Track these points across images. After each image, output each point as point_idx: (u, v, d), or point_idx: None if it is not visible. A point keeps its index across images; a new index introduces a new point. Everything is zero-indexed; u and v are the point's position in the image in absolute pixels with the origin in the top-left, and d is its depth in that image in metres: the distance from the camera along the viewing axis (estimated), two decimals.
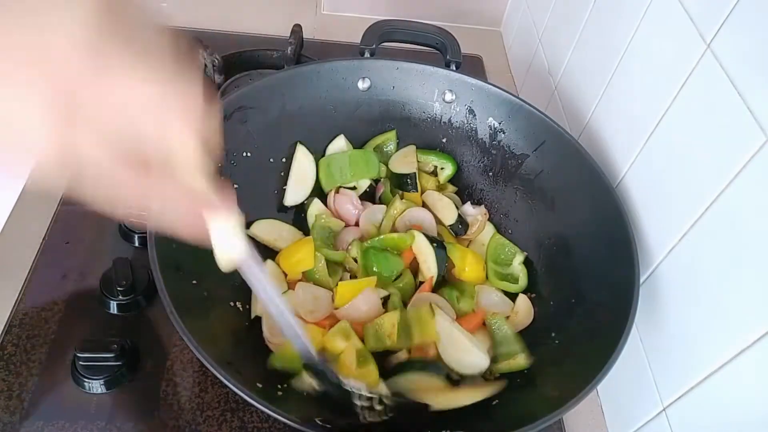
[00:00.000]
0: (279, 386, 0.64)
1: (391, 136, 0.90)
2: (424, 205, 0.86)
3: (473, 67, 1.21)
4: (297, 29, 1.11)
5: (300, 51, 1.10)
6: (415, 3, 1.28)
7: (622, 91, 0.79)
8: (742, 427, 0.54)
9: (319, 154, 0.87)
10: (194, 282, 0.68)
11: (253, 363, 0.66)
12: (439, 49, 0.96)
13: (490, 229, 0.86)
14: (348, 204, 0.83)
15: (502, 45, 1.32)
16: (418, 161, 0.88)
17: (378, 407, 0.61)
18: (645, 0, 0.73)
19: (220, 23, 1.20)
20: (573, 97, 0.94)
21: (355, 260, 0.78)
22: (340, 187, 0.86)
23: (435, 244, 0.77)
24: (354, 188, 0.87)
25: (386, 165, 0.89)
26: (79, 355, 0.68)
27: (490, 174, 0.89)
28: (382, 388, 0.65)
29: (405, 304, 0.75)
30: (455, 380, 0.70)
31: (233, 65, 1.02)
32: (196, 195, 0.40)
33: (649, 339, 0.69)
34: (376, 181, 0.89)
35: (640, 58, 0.75)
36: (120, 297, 0.75)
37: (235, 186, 0.78)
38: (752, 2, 0.55)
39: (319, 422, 0.58)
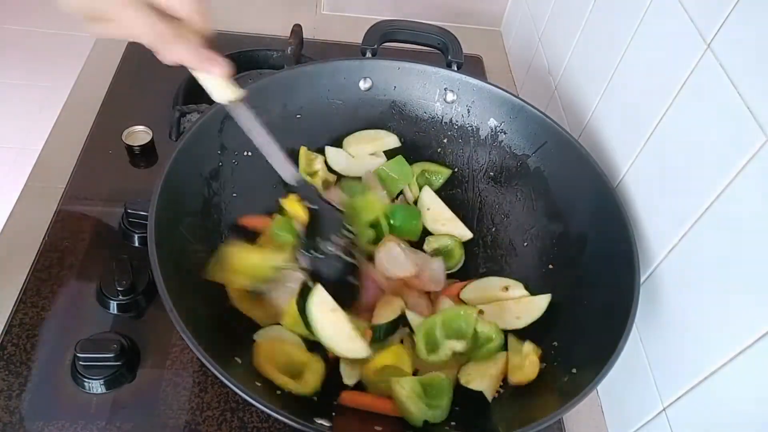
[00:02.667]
0: (279, 386, 0.64)
1: (445, 172, 0.90)
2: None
3: (473, 67, 1.21)
4: (297, 29, 1.11)
5: (300, 51, 1.10)
6: (414, 3, 1.29)
7: (622, 91, 0.79)
8: (743, 427, 0.54)
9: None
10: (194, 281, 0.68)
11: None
12: (441, 49, 0.96)
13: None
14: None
15: (502, 45, 1.32)
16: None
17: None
18: (645, 0, 0.73)
19: (220, 23, 1.20)
20: (573, 97, 0.94)
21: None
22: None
23: None
24: None
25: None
26: (79, 355, 0.68)
27: (491, 174, 0.89)
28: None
29: None
30: None
31: (233, 65, 1.02)
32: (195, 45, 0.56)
33: (649, 339, 0.69)
34: None
35: (640, 58, 0.75)
36: (120, 297, 0.75)
37: (234, 195, 0.79)
38: (752, 2, 0.55)
39: (319, 422, 0.58)
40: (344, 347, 0.66)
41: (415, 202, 0.88)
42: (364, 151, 0.89)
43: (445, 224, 0.86)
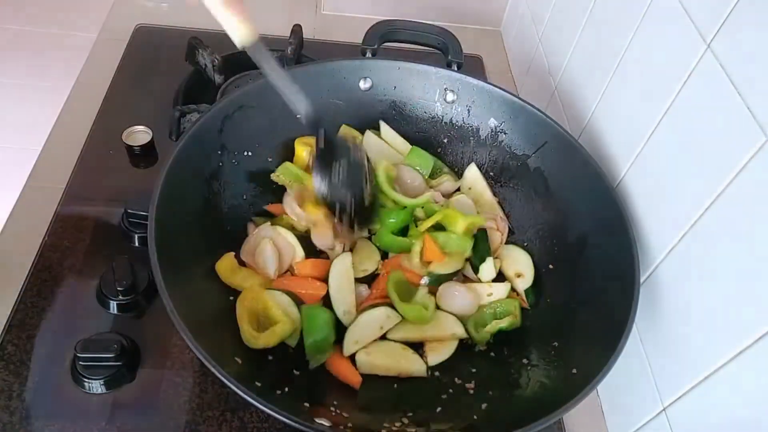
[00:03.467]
0: (279, 386, 0.64)
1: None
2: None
3: (473, 67, 1.21)
4: (297, 29, 1.11)
5: (300, 51, 1.10)
6: (414, 3, 1.28)
7: (622, 91, 0.79)
8: (742, 427, 0.54)
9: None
10: (194, 281, 0.68)
11: (254, 362, 0.66)
12: (441, 49, 0.96)
13: None
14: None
15: (502, 45, 1.32)
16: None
17: None
18: (645, 0, 0.73)
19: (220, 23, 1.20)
20: (573, 97, 0.94)
21: None
22: None
23: None
24: None
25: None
26: (79, 355, 0.68)
27: (492, 174, 0.89)
28: None
29: None
30: None
31: (233, 65, 1.02)
32: None
33: (649, 339, 0.69)
34: None
35: (641, 58, 0.75)
36: (120, 297, 0.75)
37: (244, 198, 0.79)
38: (752, 2, 0.55)
39: (319, 422, 0.58)
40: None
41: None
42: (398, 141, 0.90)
43: (481, 209, 0.86)
